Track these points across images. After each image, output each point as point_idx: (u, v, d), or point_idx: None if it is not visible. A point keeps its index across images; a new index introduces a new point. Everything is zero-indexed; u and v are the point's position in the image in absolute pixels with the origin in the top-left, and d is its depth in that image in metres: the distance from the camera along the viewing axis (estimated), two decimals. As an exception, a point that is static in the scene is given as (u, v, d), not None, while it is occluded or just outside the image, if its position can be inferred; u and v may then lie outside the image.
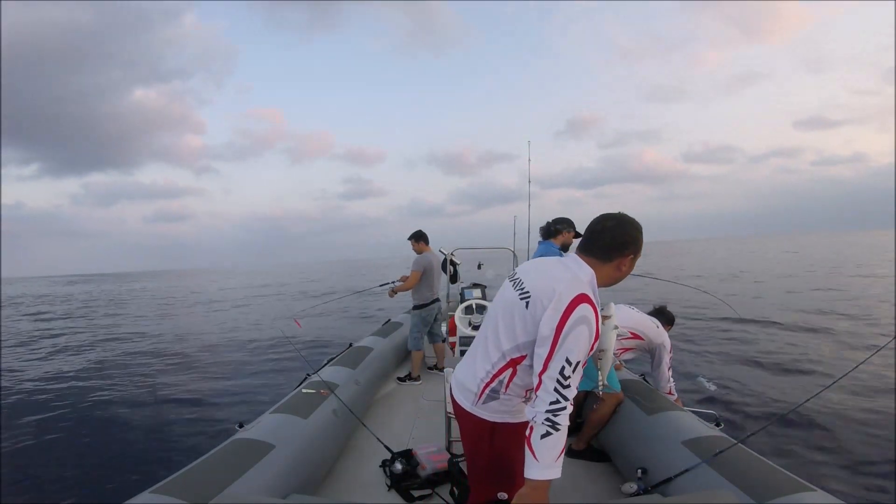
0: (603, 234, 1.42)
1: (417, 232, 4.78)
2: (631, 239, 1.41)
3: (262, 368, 7.81)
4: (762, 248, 52.79)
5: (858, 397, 4.74)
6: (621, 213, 1.46)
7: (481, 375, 1.47)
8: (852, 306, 10.59)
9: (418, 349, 4.63)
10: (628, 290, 14.11)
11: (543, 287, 1.37)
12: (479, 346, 1.53)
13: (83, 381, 7.64)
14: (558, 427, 1.27)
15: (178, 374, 7.83)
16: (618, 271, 1.43)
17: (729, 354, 7.06)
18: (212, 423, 5.20)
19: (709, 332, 8.69)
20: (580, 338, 1.28)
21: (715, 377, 5.06)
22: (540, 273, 1.45)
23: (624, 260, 1.42)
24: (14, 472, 4.17)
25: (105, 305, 24.24)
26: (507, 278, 1.59)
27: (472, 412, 1.50)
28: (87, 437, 5.06)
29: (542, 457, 1.27)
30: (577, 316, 1.28)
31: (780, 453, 3.58)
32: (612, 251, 1.40)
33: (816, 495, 1.73)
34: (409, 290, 4.68)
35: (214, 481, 1.91)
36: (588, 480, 2.71)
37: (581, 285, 1.34)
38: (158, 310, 20.63)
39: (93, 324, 16.01)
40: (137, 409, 5.97)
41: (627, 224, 1.42)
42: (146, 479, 2.08)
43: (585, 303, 1.30)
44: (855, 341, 7.40)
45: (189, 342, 11.03)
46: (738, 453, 2.07)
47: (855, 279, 16.09)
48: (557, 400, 1.27)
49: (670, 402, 2.82)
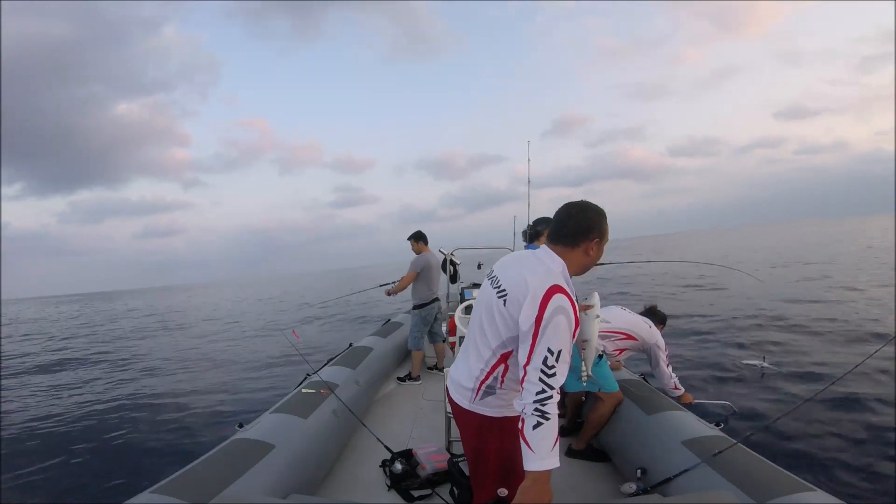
0: (568, 221, 1.50)
1: (417, 232, 4.80)
2: (595, 224, 1.48)
3: (262, 368, 7.82)
4: (752, 237, 52.51)
5: (858, 397, 4.74)
6: (584, 200, 1.54)
7: (476, 373, 1.51)
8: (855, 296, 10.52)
9: (419, 349, 4.64)
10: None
11: (518, 283, 1.42)
12: (470, 346, 1.58)
13: (83, 384, 7.65)
14: (548, 416, 1.30)
15: (178, 374, 7.84)
16: (586, 256, 1.50)
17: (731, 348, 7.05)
18: (211, 423, 5.20)
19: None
20: (559, 327, 1.33)
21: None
22: (514, 269, 1.50)
23: (590, 244, 1.48)
24: (14, 473, 4.17)
25: (102, 323, 23.97)
26: (486, 276, 1.64)
27: (471, 409, 1.54)
28: (86, 438, 5.06)
29: (537, 447, 1.29)
30: (553, 307, 1.33)
31: (781, 453, 3.57)
32: (578, 237, 1.47)
33: (816, 495, 1.73)
34: (404, 290, 4.71)
35: (214, 481, 1.92)
36: (588, 480, 2.71)
37: (553, 276, 1.40)
38: (156, 324, 20.51)
39: (90, 338, 15.98)
40: (137, 410, 5.98)
41: (590, 210, 1.50)
42: (146, 479, 2.08)
43: (559, 293, 1.35)
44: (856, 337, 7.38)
45: (188, 346, 11.03)
46: (738, 453, 2.07)
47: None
48: (543, 389, 1.30)
49: (670, 401, 2.82)
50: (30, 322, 28.48)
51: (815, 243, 31.17)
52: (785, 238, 42.71)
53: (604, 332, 2.89)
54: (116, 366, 8.94)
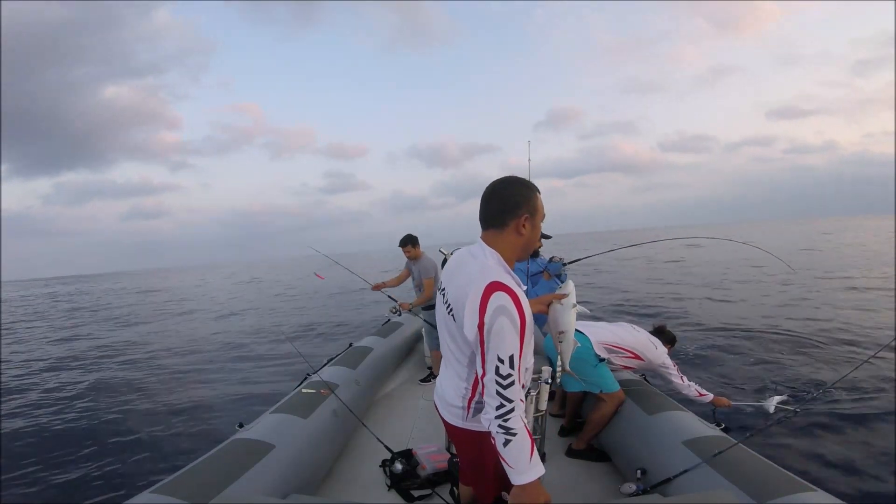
0: (492, 199, 1.37)
1: (412, 237, 4.48)
2: (522, 198, 1.34)
3: (262, 368, 7.81)
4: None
5: (858, 397, 4.74)
6: (510, 175, 1.40)
7: (461, 392, 1.45)
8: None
9: (437, 348, 4.72)
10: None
11: (458, 293, 1.33)
12: (448, 363, 1.51)
13: (81, 384, 7.65)
14: (514, 432, 1.23)
15: (178, 375, 7.83)
16: (518, 235, 1.36)
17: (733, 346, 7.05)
18: (211, 424, 5.20)
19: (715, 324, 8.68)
20: (503, 330, 1.22)
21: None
22: (454, 277, 1.41)
23: (519, 221, 1.35)
24: (14, 473, 4.17)
25: (92, 308, 23.97)
26: (437, 290, 1.54)
27: (466, 427, 1.48)
28: (86, 438, 5.05)
29: (514, 463, 1.24)
30: (492, 309, 1.22)
31: (781, 453, 3.57)
32: (505, 215, 1.35)
33: (816, 495, 1.73)
34: (399, 286, 4.72)
35: (214, 481, 1.92)
36: (588, 480, 2.71)
37: (489, 272, 1.28)
38: (149, 311, 20.48)
39: (84, 327, 15.97)
40: (137, 410, 5.97)
41: (516, 184, 1.37)
42: (146, 479, 2.08)
43: (497, 290, 1.23)
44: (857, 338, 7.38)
45: (185, 342, 11.03)
46: (738, 453, 2.07)
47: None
48: (502, 404, 1.23)
49: (671, 401, 2.81)
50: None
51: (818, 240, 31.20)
52: (781, 235, 42.68)
53: (612, 346, 2.90)
54: (115, 363, 8.94)
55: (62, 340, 12.63)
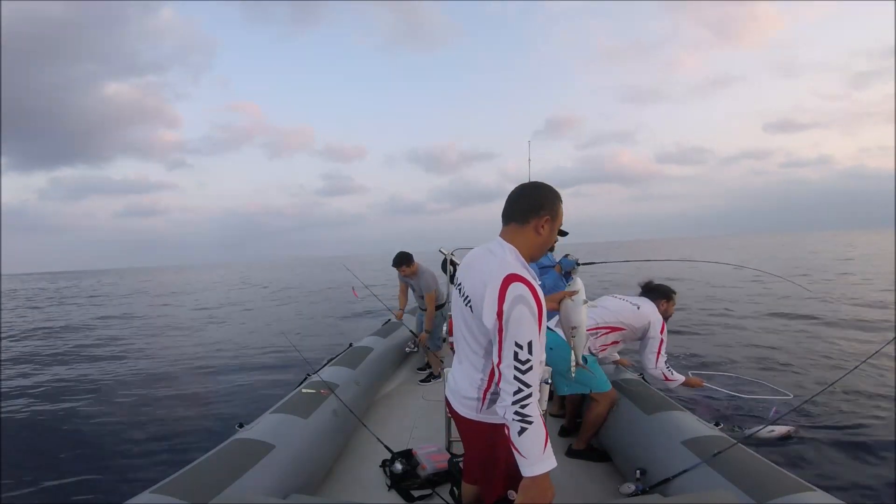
0: (521, 198, 1.47)
1: (402, 255, 4.49)
2: (547, 201, 1.45)
3: (262, 368, 7.81)
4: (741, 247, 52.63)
5: (858, 397, 4.74)
6: (539, 181, 1.52)
7: (477, 383, 1.47)
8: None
9: (438, 349, 4.80)
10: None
11: (476, 285, 1.39)
12: (462, 355, 1.55)
13: (81, 383, 7.64)
14: (530, 419, 1.25)
15: (177, 374, 7.83)
16: (537, 234, 1.45)
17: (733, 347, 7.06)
18: (211, 423, 5.20)
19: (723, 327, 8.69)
20: (522, 317, 1.27)
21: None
22: (471, 271, 1.47)
23: (540, 221, 1.44)
24: (13, 473, 4.17)
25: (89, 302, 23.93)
26: (454, 284, 1.59)
27: (480, 419, 1.50)
28: (86, 438, 5.05)
29: (527, 453, 1.26)
30: (511, 297, 1.28)
31: (781, 453, 3.58)
32: (529, 213, 1.44)
33: (816, 495, 1.73)
34: (402, 291, 4.88)
35: (214, 481, 1.92)
36: (588, 480, 2.71)
37: (507, 266, 1.35)
38: (151, 308, 20.49)
39: (81, 324, 15.97)
40: (137, 410, 5.97)
41: (544, 188, 1.48)
42: (146, 479, 2.08)
43: (516, 281, 1.30)
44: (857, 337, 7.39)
45: (185, 342, 11.03)
46: (738, 453, 2.07)
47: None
48: (520, 388, 1.26)
49: (670, 401, 2.81)
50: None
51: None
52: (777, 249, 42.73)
53: (588, 331, 2.60)
54: (116, 363, 8.94)
55: (49, 335, 12.63)
